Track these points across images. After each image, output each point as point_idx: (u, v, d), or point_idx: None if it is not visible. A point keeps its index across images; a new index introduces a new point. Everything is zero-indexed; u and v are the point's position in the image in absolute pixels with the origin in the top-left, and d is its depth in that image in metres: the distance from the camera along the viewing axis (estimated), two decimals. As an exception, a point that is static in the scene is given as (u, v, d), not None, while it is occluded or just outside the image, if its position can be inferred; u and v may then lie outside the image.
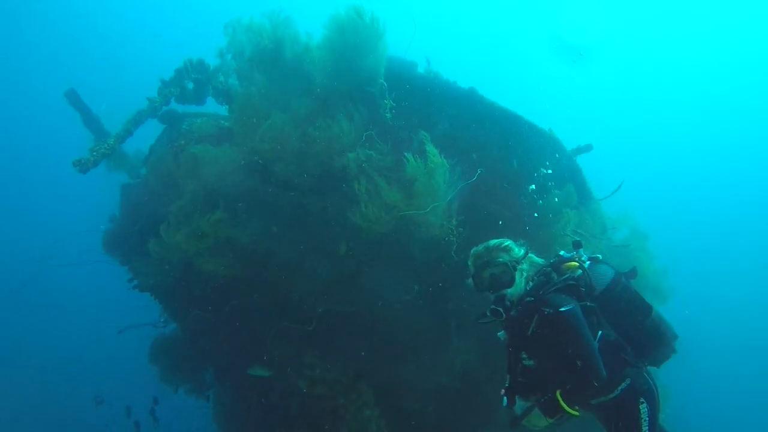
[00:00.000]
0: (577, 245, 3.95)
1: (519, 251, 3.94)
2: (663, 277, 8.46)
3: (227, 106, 8.93)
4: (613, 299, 3.56)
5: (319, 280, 7.84)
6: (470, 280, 4.01)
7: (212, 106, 9.02)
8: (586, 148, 7.97)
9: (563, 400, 3.20)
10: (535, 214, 7.29)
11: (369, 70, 7.37)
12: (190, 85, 8.52)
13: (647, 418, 3.36)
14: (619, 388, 3.46)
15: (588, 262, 3.75)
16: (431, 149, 6.88)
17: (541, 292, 3.55)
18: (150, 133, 9.15)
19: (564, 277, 3.66)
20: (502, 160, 7.26)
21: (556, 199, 7.37)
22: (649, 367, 3.66)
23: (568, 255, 3.90)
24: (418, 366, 7.94)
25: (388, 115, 7.41)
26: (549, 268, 3.81)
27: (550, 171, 7.42)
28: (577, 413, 3.24)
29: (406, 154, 6.95)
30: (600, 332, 3.46)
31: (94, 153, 7.34)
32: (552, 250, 7.40)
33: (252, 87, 7.84)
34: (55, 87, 8.71)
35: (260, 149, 7.29)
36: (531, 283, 3.79)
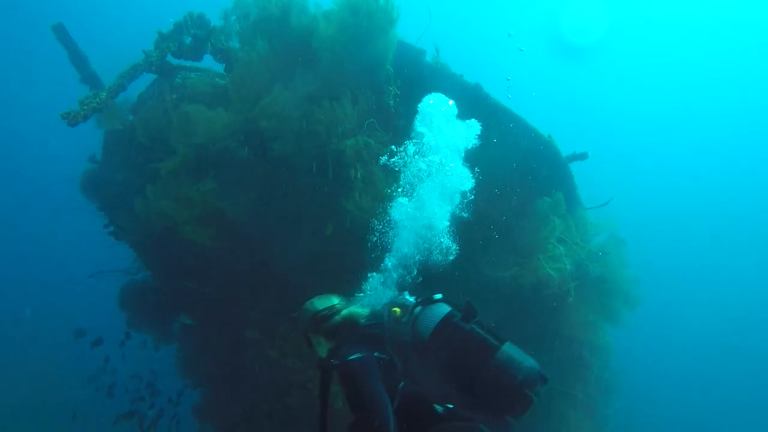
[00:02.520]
0: (401, 291, 3.52)
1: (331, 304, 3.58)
2: (633, 285, 8.79)
3: (224, 65, 8.68)
4: (442, 344, 3.06)
5: (301, 256, 7.88)
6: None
7: (208, 62, 8.71)
8: (581, 156, 8.06)
9: None
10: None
11: (378, 54, 7.22)
12: (188, 41, 8.18)
13: None
14: None
15: (419, 307, 3.25)
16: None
17: (337, 343, 3.25)
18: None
19: (367, 324, 3.36)
20: (500, 161, 7.28)
21: (545, 206, 7.50)
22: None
23: (398, 300, 3.42)
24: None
25: (392, 102, 7.32)
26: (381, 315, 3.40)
27: (543, 176, 7.51)
28: None
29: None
30: (402, 384, 3.06)
31: (85, 107, 7.08)
32: (535, 256, 7.66)
33: (253, 54, 7.60)
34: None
35: (259, 124, 7.14)
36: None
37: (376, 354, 3.09)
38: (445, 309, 3.20)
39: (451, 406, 3.01)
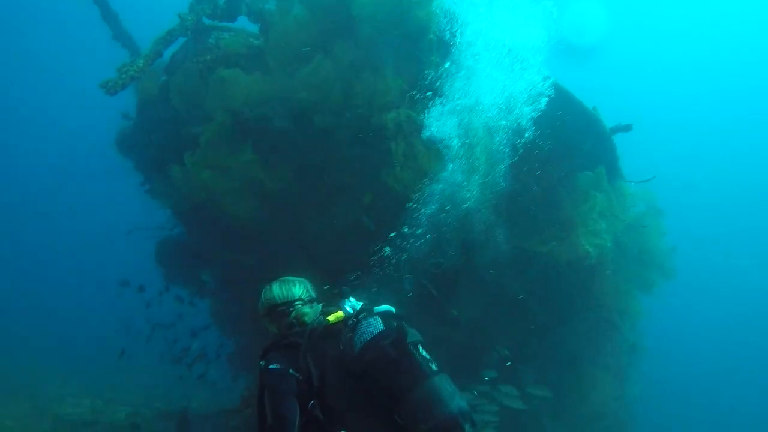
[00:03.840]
0: (344, 294, 3.18)
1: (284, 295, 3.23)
2: (670, 255, 8.77)
3: (259, 26, 8.45)
4: (370, 362, 2.72)
5: (337, 223, 7.91)
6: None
7: (242, 22, 8.48)
8: (626, 128, 7.85)
9: None
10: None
11: (421, 22, 6.97)
12: (222, 2, 7.94)
13: None
14: None
15: (363, 314, 2.92)
16: (475, 122, 6.71)
17: (272, 343, 3.00)
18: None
19: (294, 331, 3.02)
20: (544, 137, 7.12)
21: (586, 181, 7.39)
22: None
23: (345, 305, 3.09)
24: (423, 315, 8.29)
25: (433, 74, 7.12)
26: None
27: (586, 150, 7.37)
28: None
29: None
30: (312, 403, 2.77)
31: (123, 75, 6.98)
32: (575, 231, 7.61)
33: (290, 19, 7.38)
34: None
35: (299, 95, 7.02)
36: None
37: (290, 370, 2.78)
38: (378, 326, 2.82)
39: None
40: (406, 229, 7.25)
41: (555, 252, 7.47)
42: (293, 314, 3.10)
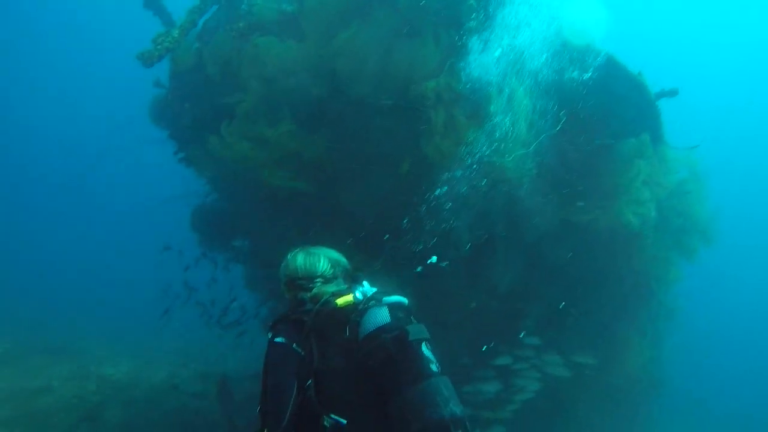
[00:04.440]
0: (359, 279, 3.13)
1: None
2: (711, 222, 8.60)
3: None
4: (372, 351, 2.69)
5: (374, 192, 7.87)
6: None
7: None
8: (671, 93, 7.61)
9: None
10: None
11: (460, -14, 6.75)
12: (255, -34, 7.76)
13: None
14: None
15: (372, 302, 2.87)
16: (518, 90, 6.56)
17: (283, 316, 2.98)
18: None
19: (303, 309, 2.99)
20: (589, 103, 6.94)
21: (630, 148, 7.22)
22: None
23: (356, 290, 3.02)
24: (460, 282, 8.30)
25: (474, 39, 6.93)
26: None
27: (630, 116, 7.18)
28: None
29: (489, 90, 6.64)
30: (310, 382, 2.74)
31: (158, 46, 6.91)
32: (613, 202, 7.49)
33: (326, -16, 7.19)
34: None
35: (335, 64, 6.89)
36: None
37: (294, 346, 2.79)
38: (384, 317, 2.78)
39: (344, 421, 2.63)
40: (440, 197, 7.21)
41: (597, 221, 7.38)
42: (309, 291, 3.06)
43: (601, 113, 7.06)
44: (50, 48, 46.60)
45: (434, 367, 2.65)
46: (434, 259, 7.44)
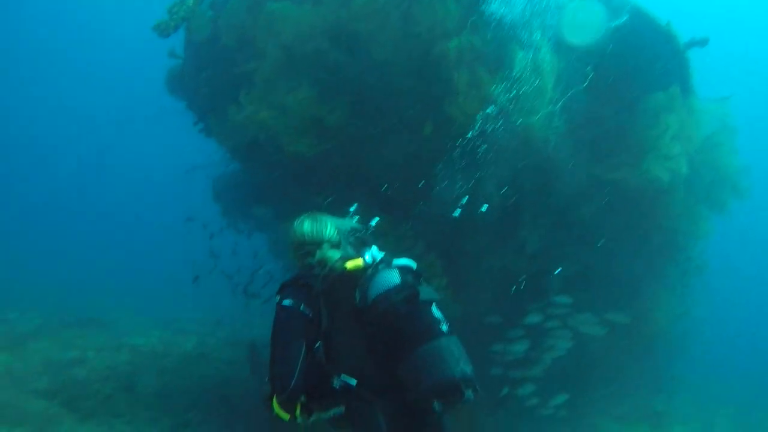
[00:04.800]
0: (368, 242, 3.16)
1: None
2: (743, 174, 8.40)
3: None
4: (383, 312, 2.69)
5: (397, 155, 7.77)
6: None
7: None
8: (701, 42, 7.34)
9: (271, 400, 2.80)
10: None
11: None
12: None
13: None
14: (332, 411, 2.80)
15: (382, 265, 2.89)
16: (543, 47, 6.37)
17: (291, 279, 2.93)
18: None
19: (311, 272, 2.97)
20: (616, 56, 6.72)
21: (658, 102, 7.02)
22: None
23: (365, 254, 3.01)
24: (485, 244, 8.23)
25: (494, -7, 6.72)
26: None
27: (658, 69, 6.96)
28: (286, 417, 2.77)
29: (514, 47, 6.45)
30: (318, 344, 2.79)
31: (174, 16, 6.81)
32: (642, 159, 7.31)
33: (342, -58, 6.98)
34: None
35: (354, 26, 6.74)
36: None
37: (302, 307, 2.75)
38: (395, 279, 2.78)
39: (354, 382, 2.68)
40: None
41: (626, 178, 7.24)
42: (317, 256, 3.04)
43: (629, 66, 6.85)
44: (75, 22, 46.60)
45: (444, 327, 2.68)
46: (465, 200, 7.22)
